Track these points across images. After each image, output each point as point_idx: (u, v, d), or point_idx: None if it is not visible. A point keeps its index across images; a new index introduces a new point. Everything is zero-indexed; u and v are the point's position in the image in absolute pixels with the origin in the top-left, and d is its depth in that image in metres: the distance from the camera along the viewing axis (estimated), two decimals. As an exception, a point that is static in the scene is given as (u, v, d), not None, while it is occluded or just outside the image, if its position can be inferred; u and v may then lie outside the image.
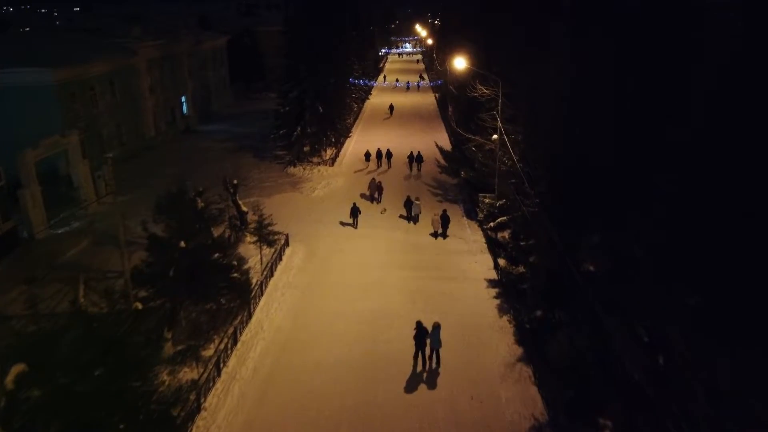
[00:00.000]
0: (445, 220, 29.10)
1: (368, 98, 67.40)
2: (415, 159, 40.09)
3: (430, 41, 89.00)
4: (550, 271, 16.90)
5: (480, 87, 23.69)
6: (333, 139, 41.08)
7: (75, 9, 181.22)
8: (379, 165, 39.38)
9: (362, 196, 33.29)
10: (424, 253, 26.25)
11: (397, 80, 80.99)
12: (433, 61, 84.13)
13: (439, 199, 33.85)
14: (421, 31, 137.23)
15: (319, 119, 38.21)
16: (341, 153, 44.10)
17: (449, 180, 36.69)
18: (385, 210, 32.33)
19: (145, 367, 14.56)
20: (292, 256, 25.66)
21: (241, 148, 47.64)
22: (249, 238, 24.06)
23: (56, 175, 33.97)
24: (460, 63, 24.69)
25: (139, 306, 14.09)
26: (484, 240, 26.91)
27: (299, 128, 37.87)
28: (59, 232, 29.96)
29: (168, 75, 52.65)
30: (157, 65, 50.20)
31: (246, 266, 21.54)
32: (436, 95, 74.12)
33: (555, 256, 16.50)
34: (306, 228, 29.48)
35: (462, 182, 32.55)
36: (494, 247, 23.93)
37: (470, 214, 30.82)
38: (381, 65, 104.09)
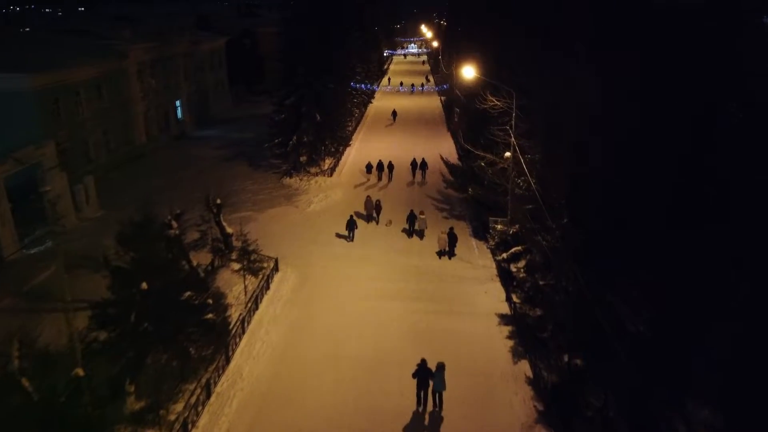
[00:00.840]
0: (452, 239, 26.83)
1: (371, 102, 64.93)
2: (419, 166, 38.19)
3: (435, 44, 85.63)
4: (574, 319, 14.38)
5: (491, 98, 21.11)
6: (332, 148, 38.61)
7: (80, 9, 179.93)
8: (379, 178, 36.93)
9: (359, 215, 30.50)
10: (428, 281, 23.74)
11: (401, 83, 78.41)
12: (439, 63, 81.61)
13: (444, 215, 31.36)
14: (426, 32, 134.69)
15: (316, 127, 35.76)
16: (341, 162, 41.67)
17: (455, 193, 34.16)
18: (390, 222, 30.02)
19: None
20: (281, 283, 23.20)
21: (237, 155, 45.30)
22: (233, 266, 21.66)
23: (33, 188, 31.69)
24: (468, 72, 22.12)
25: (81, 373, 11.70)
26: (494, 266, 24.39)
27: (295, 137, 35.41)
28: (32, 252, 27.64)
29: (161, 78, 50.37)
30: (149, 68, 47.92)
31: (226, 300, 19.20)
32: (442, 98, 71.73)
33: (580, 301, 13.97)
34: (299, 248, 27.05)
35: (469, 198, 30.02)
36: (506, 278, 21.37)
37: (478, 234, 28.30)
38: (385, 67, 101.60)
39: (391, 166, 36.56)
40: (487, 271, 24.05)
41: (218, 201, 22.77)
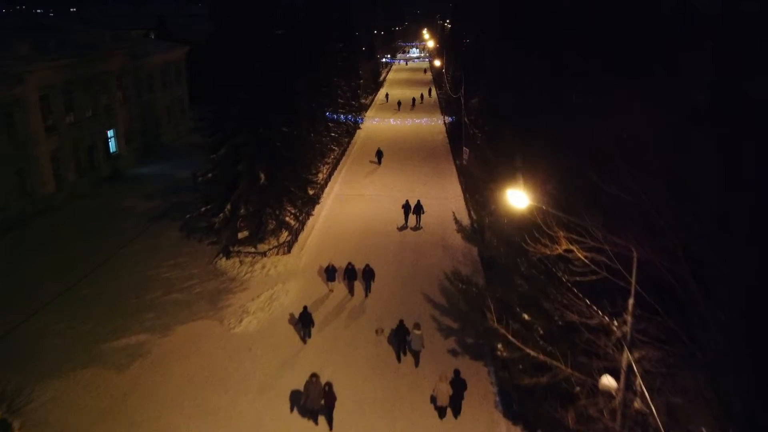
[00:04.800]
0: (458, 388, 16.47)
1: (359, 127, 53.31)
2: (413, 210, 30.23)
3: (438, 62, 72.63)
4: None
5: (561, 239, 9.30)
6: (286, 217, 26.90)
7: (71, 9, 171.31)
8: (350, 291, 22.83)
9: (298, 408, 16.72)
10: None
11: (399, 103, 66.12)
12: (443, 77, 70.09)
13: (450, 345, 19.85)
14: (428, 40, 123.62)
15: (261, 192, 24.22)
16: (307, 226, 30.17)
17: (466, 295, 22.51)
18: (382, 331, 20.21)
19: None
20: None
21: (172, 209, 33.82)
22: None
23: None
24: (519, 199, 10.09)
25: None
26: None
27: (228, 206, 23.91)
28: None
29: (83, 104, 39.03)
30: (61, 93, 36.56)
31: None
32: (445, 119, 60.66)
33: None
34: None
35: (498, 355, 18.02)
36: None
37: (508, 404, 16.70)
38: (382, 78, 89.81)
39: (369, 274, 22.44)
40: None
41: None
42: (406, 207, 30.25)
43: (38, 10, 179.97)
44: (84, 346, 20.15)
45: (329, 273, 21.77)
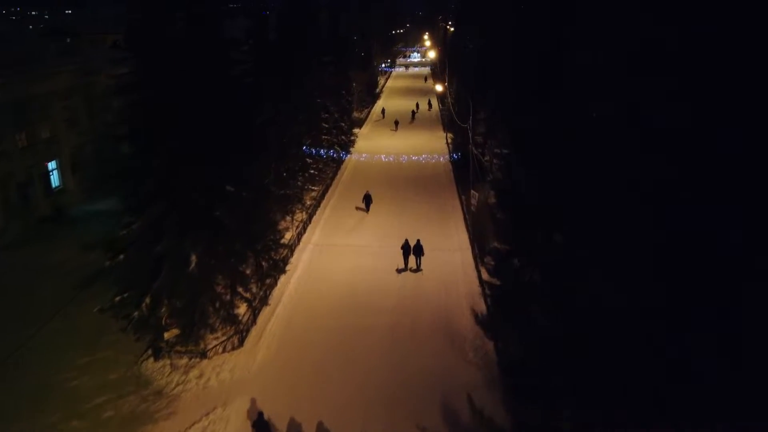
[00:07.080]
0: None
1: (349, 152, 46.65)
2: (412, 250, 27.31)
3: (440, 87, 65.01)
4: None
5: None
6: (239, 299, 20.17)
7: (67, 11, 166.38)
8: None
9: None
10: None
11: (396, 122, 58.99)
12: (446, 93, 63.53)
13: None
14: (430, 48, 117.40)
15: (192, 279, 17.56)
16: (271, 300, 23.56)
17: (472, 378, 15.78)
18: None
19: None
20: None
21: (111, 265, 27.18)
22: None
23: None
24: None
25: None
26: None
27: (148, 299, 17.34)
28: None
29: (15, 133, 32.59)
30: (-19, 122, 30.18)
31: None
32: (447, 136, 54.58)
33: None
34: None
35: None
36: None
37: None
38: (379, 90, 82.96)
39: None
40: None
41: None
42: (406, 248, 27.48)
43: (33, 12, 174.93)
44: None
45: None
